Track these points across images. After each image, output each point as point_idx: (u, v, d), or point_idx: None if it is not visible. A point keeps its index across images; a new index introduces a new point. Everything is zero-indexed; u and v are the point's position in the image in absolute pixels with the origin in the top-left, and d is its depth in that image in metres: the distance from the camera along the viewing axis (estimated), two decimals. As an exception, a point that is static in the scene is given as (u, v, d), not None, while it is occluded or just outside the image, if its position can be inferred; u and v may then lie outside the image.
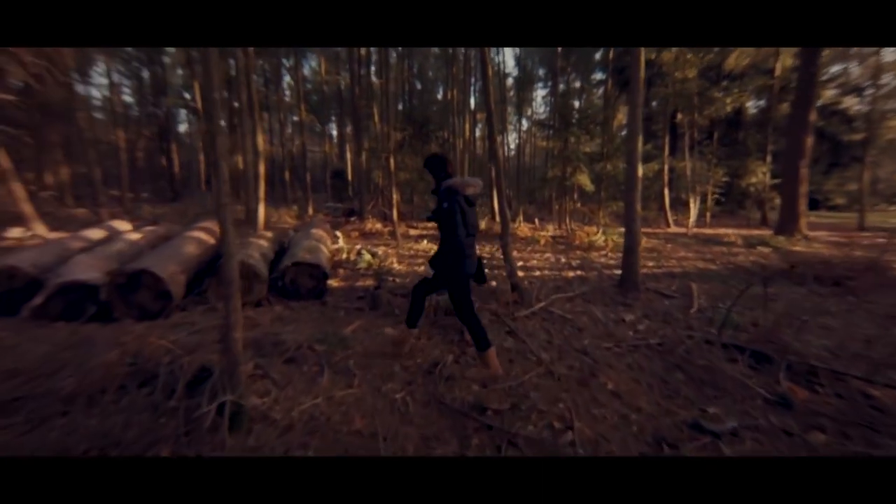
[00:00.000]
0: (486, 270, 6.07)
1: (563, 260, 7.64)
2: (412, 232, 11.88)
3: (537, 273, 6.50)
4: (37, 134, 15.33)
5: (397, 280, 5.80)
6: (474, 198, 2.73)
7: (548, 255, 8.22)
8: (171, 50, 19.04)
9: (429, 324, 3.81)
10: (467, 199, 2.69)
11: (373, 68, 13.66)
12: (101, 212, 11.85)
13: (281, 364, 2.79)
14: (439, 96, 25.35)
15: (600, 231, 9.54)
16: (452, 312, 3.83)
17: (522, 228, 11.33)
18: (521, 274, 6.08)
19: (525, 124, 29.51)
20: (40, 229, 8.73)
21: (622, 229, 6.39)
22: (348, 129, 22.76)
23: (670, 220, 14.32)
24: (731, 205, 18.66)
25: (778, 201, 12.62)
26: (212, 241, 5.21)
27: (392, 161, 9.43)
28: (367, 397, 2.52)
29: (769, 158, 16.57)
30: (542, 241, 9.49)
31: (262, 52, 16.03)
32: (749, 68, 18.41)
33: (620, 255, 5.88)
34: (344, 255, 6.91)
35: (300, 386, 2.59)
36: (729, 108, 13.45)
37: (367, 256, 6.56)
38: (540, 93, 32.01)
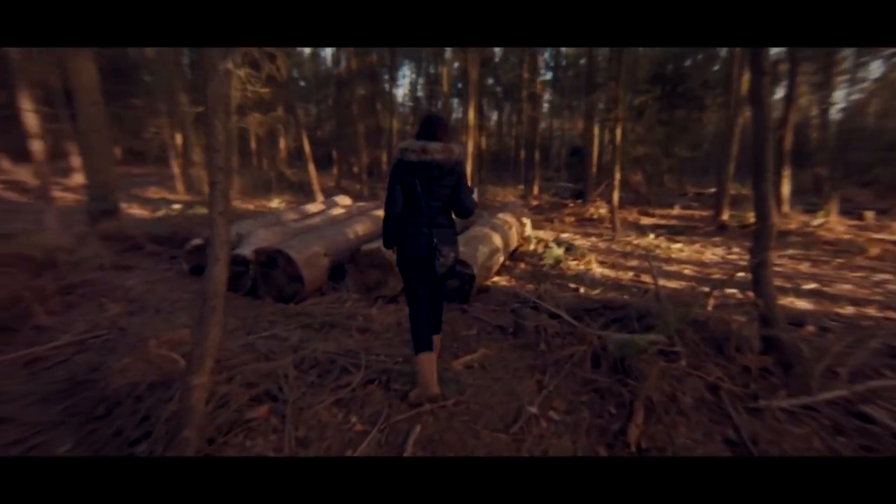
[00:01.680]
0: (729, 298, 3.84)
1: (919, 292, 4.22)
2: (644, 221, 9.47)
3: (847, 311, 3.70)
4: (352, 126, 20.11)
5: (579, 289, 4.30)
6: (439, 167, 2.16)
7: (882, 276, 4.78)
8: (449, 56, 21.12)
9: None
10: (424, 166, 2.15)
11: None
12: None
13: (299, 412, 2.04)
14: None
15: None
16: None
17: (832, 225, 7.27)
18: (800, 309, 3.57)
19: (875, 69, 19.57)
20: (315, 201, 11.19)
21: None
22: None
23: None
24: None
25: None
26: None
27: (618, 131, 7.45)
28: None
29: None
30: (873, 252, 5.70)
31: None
32: None
33: None
34: (531, 246, 5.79)
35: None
36: None
37: (557, 251, 5.23)
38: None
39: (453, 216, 2.36)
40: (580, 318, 3.17)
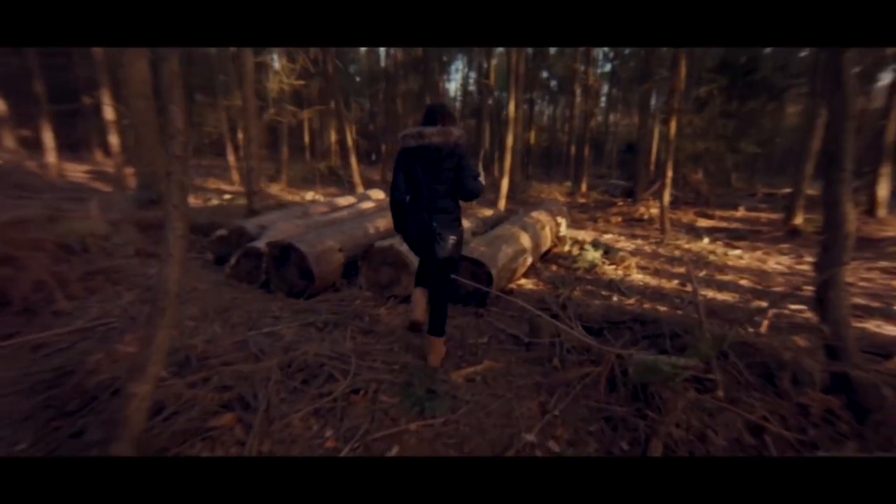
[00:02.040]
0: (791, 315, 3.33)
1: None
2: (701, 223, 8.66)
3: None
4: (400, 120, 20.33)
5: (611, 297, 3.90)
6: (438, 150, 2.18)
7: None
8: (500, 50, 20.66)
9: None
10: (422, 150, 2.18)
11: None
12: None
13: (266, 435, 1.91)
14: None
15: None
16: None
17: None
18: (889, 336, 3.00)
19: None
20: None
21: None
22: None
23: None
24: None
25: None
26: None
27: (673, 124, 6.76)
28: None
29: None
30: None
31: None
32: None
33: None
34: (566, 248, 5.40)
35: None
36: None
37: (592, 253, 4.82)
38: None
39: (459, 201, 2.40)
40: (603, 332, 2.83)
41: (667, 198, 6.86)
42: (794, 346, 2.39)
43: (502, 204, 7.84)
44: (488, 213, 5.96)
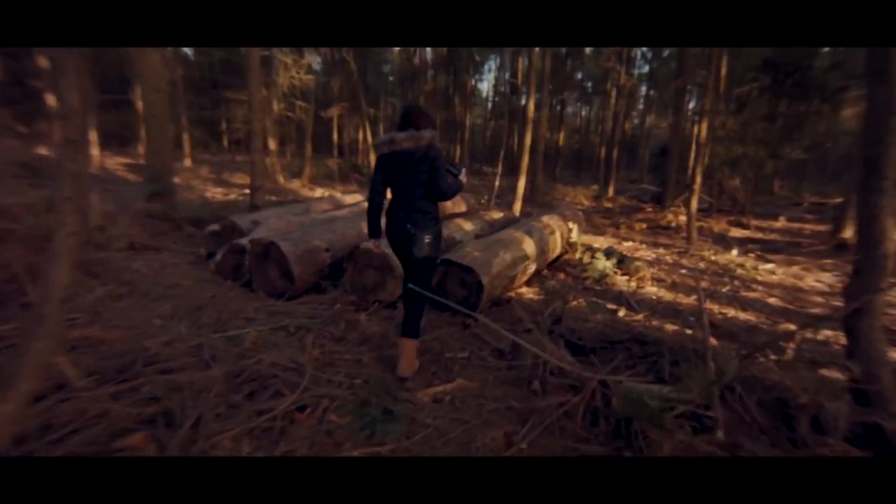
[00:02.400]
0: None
1: None
2: (734, 233, 8.04)
3: None
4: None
5: (618, 312, 3.56)
6: (410, 154, 2.21)
7: None
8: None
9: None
10: (395, 156, 2.23)
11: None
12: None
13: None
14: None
15: None
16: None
17: None
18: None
19: None
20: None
21: None
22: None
23: None
24: None
25: None
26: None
27: (703, 126, 6.25)
28: None
29: None
30: None
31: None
32: None
33: None
34: (577, 255, 5.06)
35: None
36: None
37: (603, 262, 4.47)
38: None
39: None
40: (595, 352, 2.54)
41: (694, 204, 6.36)
42: (816, 384, 2.03)
43: (518, 207, 7.53)
44: (497, 215, 5.69)
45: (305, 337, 2.68)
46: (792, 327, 3.22)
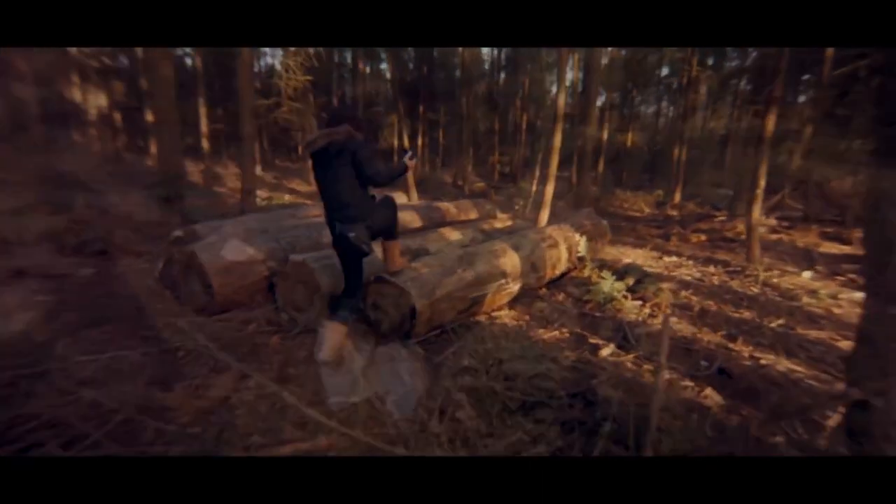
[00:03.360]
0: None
1: None
2: (827, 249, 6.48)
3: None
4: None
5: (601, 348, 2.77)
6: (326, 151, 2.28)
7: None
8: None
9: None
10: (317, 156, 2.33)
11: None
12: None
13: None
14: None
15: None
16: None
17: None
18: None
19: None
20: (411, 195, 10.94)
21: None
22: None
23: None
24: None
25: None
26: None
27: (770, 118, 4.97)
28: None
29: None
30: None
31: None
32: None
33: None
34: (586, 272, 4.24)
35: None
36: None
37: (610, 284, 3.63)
38: None
39: (370, 190, 2.47)
40: (519, 405, 1.87)
41: (757, 212, 5.10)
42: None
43: (544, 215, 6.70)
44: (505, 223, 5.04)
45: (186, 366, 2.33)
46: (840, 388, 2.24)
